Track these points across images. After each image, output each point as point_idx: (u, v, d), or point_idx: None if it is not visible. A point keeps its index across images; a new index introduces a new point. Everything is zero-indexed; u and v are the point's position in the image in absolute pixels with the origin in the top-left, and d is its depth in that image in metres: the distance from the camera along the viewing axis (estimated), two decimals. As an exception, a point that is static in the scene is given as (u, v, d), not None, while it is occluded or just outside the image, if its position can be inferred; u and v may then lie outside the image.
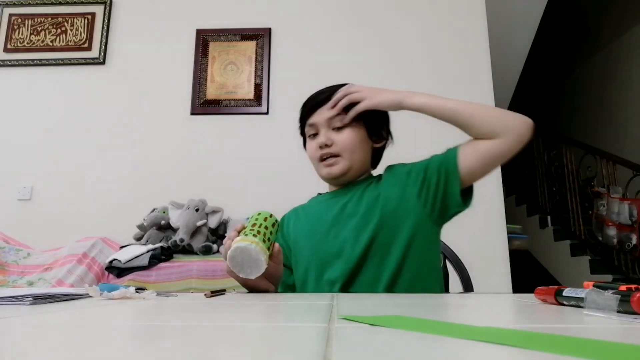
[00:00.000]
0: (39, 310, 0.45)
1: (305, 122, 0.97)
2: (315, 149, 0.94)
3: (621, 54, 4.29)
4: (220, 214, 2.03)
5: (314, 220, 0.96)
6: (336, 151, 0.91)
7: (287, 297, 0.65)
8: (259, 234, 0.70)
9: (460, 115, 0.86)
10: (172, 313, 0.45)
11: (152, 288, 1.04)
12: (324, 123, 0.93)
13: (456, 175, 0.85)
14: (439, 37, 2.42)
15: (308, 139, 0.97)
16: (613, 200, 3.24)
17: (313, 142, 0.95)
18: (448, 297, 0.66)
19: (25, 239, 2.13)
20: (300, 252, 0.94)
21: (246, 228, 0.72)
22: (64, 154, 2.39)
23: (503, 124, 0.83)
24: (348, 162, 0.92)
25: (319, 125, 0.93)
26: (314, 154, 0.94)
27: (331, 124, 0.92)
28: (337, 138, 0.91)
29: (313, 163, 0.97)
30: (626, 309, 0.37)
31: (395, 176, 0.93)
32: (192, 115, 2.40)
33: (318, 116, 0.93)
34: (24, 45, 2.55)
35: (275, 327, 0.34)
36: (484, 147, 0.84)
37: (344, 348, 0.25)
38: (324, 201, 0.99)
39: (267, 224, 0.73)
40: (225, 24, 2.51)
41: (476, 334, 0.28)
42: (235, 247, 0.67)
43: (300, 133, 1.02)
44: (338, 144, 0.91)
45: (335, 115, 0.91)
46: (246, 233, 0.70)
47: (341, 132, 0.92)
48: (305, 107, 0.97)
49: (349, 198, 0.93)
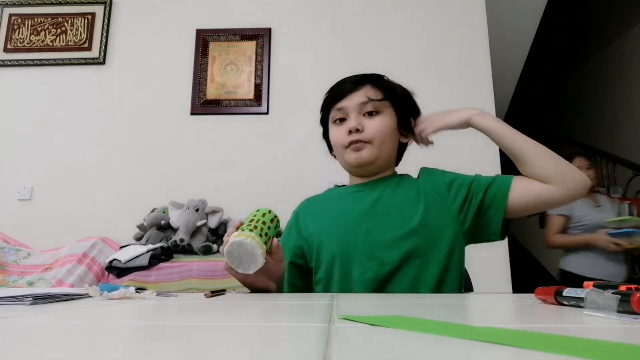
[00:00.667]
0: (39, 310, 0.45)
1: (331, 108, 0.92)
2: (343, 135, 0.89)
3: (621, 53, 4.29)
4: (220, 214, 2.03)
5: (338, 214, 0.90)
6: (366, 138, 0.87)
7: (287, 297, 0.65)
8: (255, 228, 0.69)
9: (523, 150, 0.84)
10: (172, 313, 0.45)
11: (152, 288, 1.04)
12: (355, 107, 0.88)
13: (503, 205, 0.84)
14: (439, 38, 2.42)
15: (333, 125, 0.92)
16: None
17: (340, 127, 0.90)
18: (448, 297, 0.66)
19: (25, 239, 2.14)
20: (324, 246, 0.87)
21: (244, 224, 0.72)
22: (64, 154, 2.39)
23: (562, 174, 0.81)
24: (377, 151, 0.88)
25: (349, 109, 0.89)
26: (341, 140, 0.89)
27: (363, 109, 0.89)
28: (369, 124, 0.88)
29: (337, 150, 0.93)
30: (626, 309, 0.37)
31: (436, 184, 0.90)
32: (192, 115, 2.40)
33: (348, 100, 0.89)
34: (24, 45, 2.55)
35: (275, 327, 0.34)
36: (537, 189, 0.82)
37: (344, 348, 0.25)
38: (348, 194, 0.94)
39: (265, 219, 0.73)
40: (225, 24, 2.51)
41: (476, 334, 0.28)
42: (232, 242, 0.67)
43: (321, 122, 0.98)
44: (369, 130, 0.87)
45: (368, 100, 0.88)
46: (243, 228, 0.70)
47: (373, 118, 0.88)
48: (333, 92, 0.93)
49: (379, 194, 0.89)
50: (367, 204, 0.88)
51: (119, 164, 2.36)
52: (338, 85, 0.93)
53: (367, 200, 0.89)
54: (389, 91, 0.92)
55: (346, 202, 0.92)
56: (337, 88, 0.92)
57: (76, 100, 2.46)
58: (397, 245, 0.82)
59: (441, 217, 0.85)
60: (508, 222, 0.87)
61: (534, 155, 0.83)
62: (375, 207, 0.87)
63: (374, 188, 0.91)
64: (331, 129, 0.93)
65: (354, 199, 0.91)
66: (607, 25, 4.52)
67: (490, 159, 2.21)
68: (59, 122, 2.43)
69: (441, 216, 0.85)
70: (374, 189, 0.91)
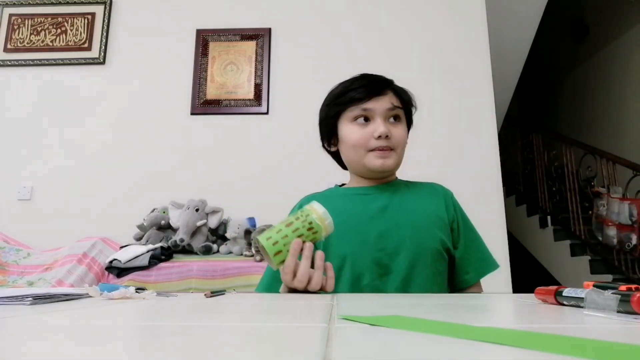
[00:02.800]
0: (39, 310, 0.45)
1: (352, 105, 0.90)
2: (367, 137, 0.88)
3: (621, 53, 4.29)
4: (220, 214, 2.03)
5: (347, 215, 0.89)
6: (393, 145, 0.89)
7: (287, 297, 0.65)
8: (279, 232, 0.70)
9: None
10: (172, 313, 0.45)
11: (152, 288, 1.04)
12: (383, 112, 0.89)
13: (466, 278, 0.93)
14: (440, 38, 2.42)
15: (352, 124, 0.90)
16: (613, 200, 3.24)
17: (364, 128, 0.89)
18: (448, 297, 0.66)
19: (25, 239, 2.14)
20: (332, 245, 0.86)
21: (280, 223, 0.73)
22: (64, 153, 2.39)
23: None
24: (398, 159, 0.91)
25: (376, 112, 0.88)
26: (365, 142, 0.88)
27: (388, 115, 0.90)
28: (395, 132, 0.89)
29: (356, 151, 0.90)
30: (626, 309, 0.37)
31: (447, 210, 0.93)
32: (192, 115, 2.40)
33: (377, 103, 0.89)
34: (24, 45, 2.55)
35: (275, 327, 0.34)
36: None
37: (344, 348, 0.25)
38: (355, 196, 0.94)
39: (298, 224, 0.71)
40: (225, 24, 2.51)
41: (476, 334, 0.28)
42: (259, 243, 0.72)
43: (329, 116, 0.94)
44: (395, 137, 0.89)
45: (395, 107, 0.90)
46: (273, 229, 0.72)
47: (397, 126, 0.90)
48: (354, 89, 0.90)
49: (388, 200, 0.91)
50: (376, 208, 0.89)
51: (119, 163, 2.36)
52: (355, 84, 0.91)
53: (376, 205, 0.90)
54: (406, 100, 0.94)
55: (355, 204, 0.91)
56: (357, 87, 0.90)
57: (76, 100, 2.46)
58: (407, 253, 0.84)
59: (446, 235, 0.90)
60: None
61: None
62: (385, 213, 0.89)
63: (382, 192, 0.92)
64: (349, 126, 0.91)
65: (362, 202, 0.91)
66: (607, 25, 4.51)
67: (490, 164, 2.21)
68: (58, 122, 2.43)
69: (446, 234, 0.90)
70: (381, 193, 0.92)
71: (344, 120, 0.92)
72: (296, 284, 0.70)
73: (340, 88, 0.94)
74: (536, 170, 4.24)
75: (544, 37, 4.32)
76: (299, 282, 0.69)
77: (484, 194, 2.16)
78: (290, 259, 0.70)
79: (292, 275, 0.70)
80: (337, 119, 0.93)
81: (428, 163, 2.09)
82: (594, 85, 4.72)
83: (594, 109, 4.69)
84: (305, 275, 0.69)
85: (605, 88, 4.52)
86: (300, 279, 0.69)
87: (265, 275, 0.93)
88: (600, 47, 4.62)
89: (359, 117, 0.89)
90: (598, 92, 4.64)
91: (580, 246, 3.51)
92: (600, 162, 3.64)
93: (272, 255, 0.69)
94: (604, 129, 4.46)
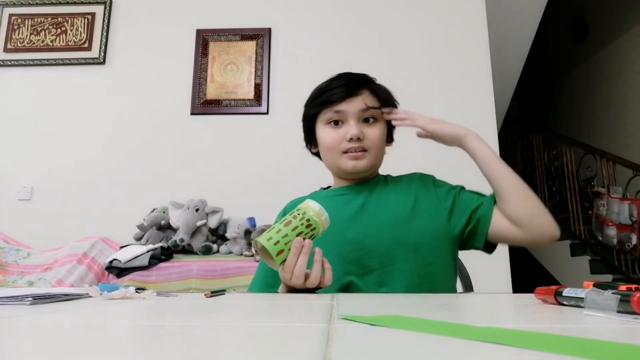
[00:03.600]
0: (39, 310, 0.45)
1: (325, 107, 0.90)
2: (339, 139, 0.88)
3: (621, 53, 4.29)
4: (220, 214, 2.03)
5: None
6: (366, 146, 0.88)
7: (287, 297, 0.65)
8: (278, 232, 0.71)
9: (506, 185, 0.85)
10: (172, 313, 0.45)
11: (152, 288, 1.04)
12: (355, 114, 0.88)
13: (486, 230, 0.87)
14: (440, 38, 2.42)
15: (326, 126, 0.91)
16: (613, 200, 3.24)
17: (337, 130, 0.89)
18: (448, 297, 0.66)
19: (25, 239, 2.13)
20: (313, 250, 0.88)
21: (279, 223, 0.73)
22: (64, 154, 2.39)
23: (531, 222, 0.83)
24: (373, 159, 0.90)
25: (348, 114, 0.88)
26: (337, 145, 0.88)
27: (362, 116, 0.88)
28: (369, 132, 0.88)
29: (331, 154, 0.90)
30: (626, 309, 0.37)
31: (429, 191, 0.91)
32: (192, 115, 2.40)
33: (348, 105, 0.88)
34: (24, 45, 2.55)
35: (275, 327, 0.34)
36: (505, 228, 0.85)
37: (344, 348, 0.25)
38: (333, 197, 0.93)
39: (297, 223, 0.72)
40: (225, 24, 2.51)
41: (476, 334, 0.28)
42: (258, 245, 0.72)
43: (307, 118, 0.96)
44: (369, 138, 0.88)
45: (369, 108, 0.88)
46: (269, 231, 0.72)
47: (372, 126, 0.89)
48: (327, 91, 0.90)
49: (364, 199, 0.90)
50: (354, 208, 0.89)
51: (119, 163, 2.36)
52: (332, 84, 0.91)
53: (354, 205, 0.90)
54: (383, 99, 0.92)
55: (333, 206, 0.87)
56: (333, 88, 0.90)
57: (76, 100, 2.46)
58: (387, 250, 0.83)
59: (432, 222, 0.87)
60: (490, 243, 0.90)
61: (514, 193, 0.85)
62: (363, 212, 0.88)
63: (360, 191, 0.92)
64: (323, 129, 0.91)
65: (340, 204, 0.91)
66: (607, 25, 4.51)
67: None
68: (58, 122, 2.43)
69: (432, 221, 0.87)
70: (359, 192, 0.92)
71: (319, 123, 0.92)
72: (294, 280, 0.70)
73: (317, 89, 0.94)
74: (536, 170, 4.24)
75: (544, 37, 4.32)
76: (296, 278, 0.70)
77: (484, 194, 2.16)
78: (292, 257, 0.70)
79: (292, 273, 0.70)
80: (314, 121, 0.94)
81: (427, 163, 2.08)
82: (594, 85, 4.72)
83: (594, 109, 4.69)
84: (302, 272, 0.70)
85: (605, 88, 4.52)
86: (297, 274, 0.70)
87: (257, 276, 0.93)
88: (600, 47, 4.62)
89: (332, 120, 0.90)
90: (598, 92, 4.64)
91: (580, 246, 3.51)
92: (600, 162, 3.63)
93: (274, 256, 0.69)
94: (604, 129, 4.46)
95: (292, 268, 0.70)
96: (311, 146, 0.99)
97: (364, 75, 0.94)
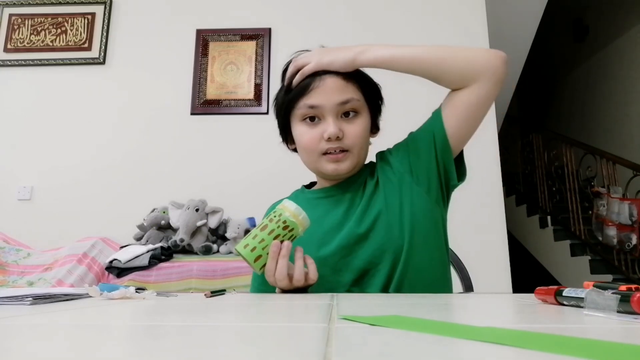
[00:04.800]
0: (39, 310, 0.45)
1: (298, 100, 0.79)
2: (317, 140, 0.78)
3: (621, 53, 4.29)
4: (220, 214, 2.03)
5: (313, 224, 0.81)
6: (347, 145, 0.78)
7: (287, 297, 0.65)
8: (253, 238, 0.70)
9: (426, 64, 0.76)
10: (172, 313, 0.45)
11: (152, 288, 1.04)
12: (333, 108, 0.77)
13: (444, 137, 0.77)
14: (439, 38, 2.42)
15: (301, 124, 0.80)
16: (613, 200, 3.24)
17: (313, 129, 0.79)
18: (448, 297, 0.66)
19: (25, 239, 2.14)
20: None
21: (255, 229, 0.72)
22: (64, 154, 2.39)
23: (474, 65, 0.75)
24: (356, 159, 0.80)
25: (325, 110, 0.77)
26: (315, 145, 0.78)
27: (340, 110, 0.78)
28: (349, 130, 0.78)
29: (309, 155, 0.81)
30: (626, 309, 0.37)
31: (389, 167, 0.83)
32: (192, 115, 2.40)
33: (324, 97, 0.77)
34: (24, 45, 2.55)
35: (275, 327, 0.34)
36: (461, 98, 0.77)
37: (344, 348, 0.25)
38: (316, 200, 0.87)
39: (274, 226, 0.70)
40: (225, 24, 2.51)
41: (476, 334, 0.28)
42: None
43: (280, 113, 0.85)
44: (349, 137, 0.78)
45: (348, 101, 0.77)
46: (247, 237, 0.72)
47: (352, 122, 0.79)
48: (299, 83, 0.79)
49: (349, 202, 0.83)
50: (339, 214, 0.82)
51: (119, 163, 2.36)
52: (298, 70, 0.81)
53: (339, 210, 0.83)
54: (366, 88, 0.83)
55: (317, 211, 0.82)
56: (305, 78, 0.79)
57: (76, 100, 2.46)
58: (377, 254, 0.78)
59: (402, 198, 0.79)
60: (461, 162, 0.82)
61: (441, 63, 0.76)
62: (347, 218, 0.81)
63: (345, 191, 0.84)
64: (299, 127, 0.81)
65: (325, 208, 0.84)
66: (607, 25, 4.51)
67: (490, 164, 2.21)
68: (58, 122, 2.43)
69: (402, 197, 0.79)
70: (344, 192, 0.84)
71: (294, 119, 0.82)
72: (279, 284, 0.70)
73: (283, 73, 0.85)
74: (536, 170, 4.24)
75: (544, 37, 4.32)
76: (279, 281, 0.69)
77: (484, 194, 2.16)
78: (270, 262, 0.68)
79: (275, 277, 0.69)
80: (288, 117, 0.84)
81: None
82: (594, 85, 4.72)
83: (594, 109, 4.69)
84: (282, 274, 0.68)
85: (605, 88, 4.52)
86: (279, 277, 0.68)
87: (255, 275, 0.91)
88: (600, 47, 4.62)
89: (307, 116, 0.79)
90: (598, 92, 4.64)
91: (580, 246, 3.51)
92: (600, 162, 3.63)
93: (252, 262, 0.69)
94: (604, 129, 4.46)
95: (272, 272, 0.68)
96: (288, 143, 0.91)
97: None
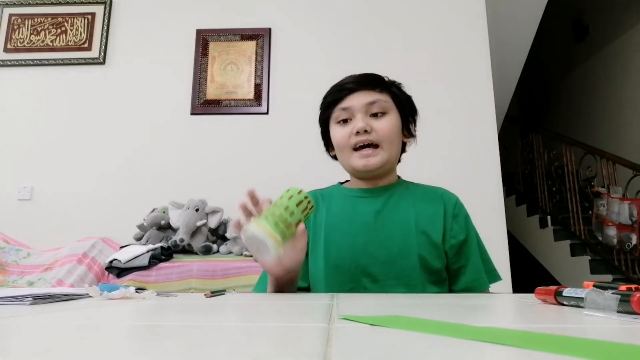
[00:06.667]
0: (39, 310, 0.45)
1: (334, 107, 0.88)
2: (348, 136, 0.85)
3: (621, 53, 4.29)
4: (220, 214, 2.03)
5: (343, 219, 0.88)
6: (375, 139, 0.84)
7: (287, 297, 0.65)
8: (272, 215, 0.69)
9: None
10: (172, 313, 0.45)
11: (152, 288, 1.04)
12: (362, 107, 0.85)
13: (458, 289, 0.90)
14: (439, 38, 2.42)
15: (336, 126, 0.89)
16: (613, 200, 3.24)
17: (345, 128, 0.86)
18: (448, 297, 0.66)
19: (25, 239, 2.13)
20: (317, 251, 0.86)
21: (266, 210, 0.71)
22: (64, 154, 2.39)
23: None
24: (387, 154, 0.85)
25: (354, 109, 0.85)
26: (346, 142, 0.85)
27: (369, 110, 0.85)
28: (377, 125, 0.84)
29: (342, 152, 0.88)
30: (626, 309, 0.37)
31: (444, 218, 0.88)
32: (192, 115, 2.40)
33: (354, 99, 0.86)
34: (24, 45, 2.55)
35: (275, 327, 0.34)
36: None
37: (344, 348, 0.25)
38: (350, 198, 0.91)
39: (289, 203, 0.70)
40: (225, 24, 2.51)
41: (476, 334, 0.28)
42: (248, 235, 0.68)
43: (321, 121, 0.94)
44: (378, 131, 0.84)
45: (375, 100, 0.85)
46: (260, 217, 0.70)
47: (380, 119, 0.85)
48: (335, 91, 0.89)
49: (381, 205, 0.87)
50: (369, 213, 0.86)
51: (118, 163, 2.36)
52: (341, 83, 0.90)
53: (369, 209, 0.87)
54: (393, 92, 0.90)
55: (348, 208, 0.89)
56: (340, 86, 0.89)
57: (76, 100, 2.46)
58: (392, 263, 0.82)
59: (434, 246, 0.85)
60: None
61: None
62: (377, 219, 0.86)
63: (378, 196, 0.89)
64: (334, 129, 0.89)
65: (356, 206, 0.89)
66: (607, 25, 4.51)
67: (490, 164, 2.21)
68: (58, 122, 2.43)
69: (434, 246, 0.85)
70: (377, 197, 0.89)
71: (332, 124, 0.90)
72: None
73: (327, 92, 0.93)
74: (536, 170, 4.23)
75: (544, 37, 4.32)
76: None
77: (484, 194, 2.16)
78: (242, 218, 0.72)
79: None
80: (327, 124, 0.92)
81: (428, 163, 2.09)
82: (594, 85, 4.72)
83: (594, 109, 4.69)
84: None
85: (605, 88, 4.52)
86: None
87: (263, 276, 0.92)
88: (600, 47, 4.62)
89: (340, 119, 0.88)
90: (598, 92, 4.64)
91: (580, 246, 3.51)
92: (600, 162, 3.63)
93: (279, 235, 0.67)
94: (604, 129, 4.46)
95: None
96: (329, 150, 0.97)
97: (374, 74, 0.91)
